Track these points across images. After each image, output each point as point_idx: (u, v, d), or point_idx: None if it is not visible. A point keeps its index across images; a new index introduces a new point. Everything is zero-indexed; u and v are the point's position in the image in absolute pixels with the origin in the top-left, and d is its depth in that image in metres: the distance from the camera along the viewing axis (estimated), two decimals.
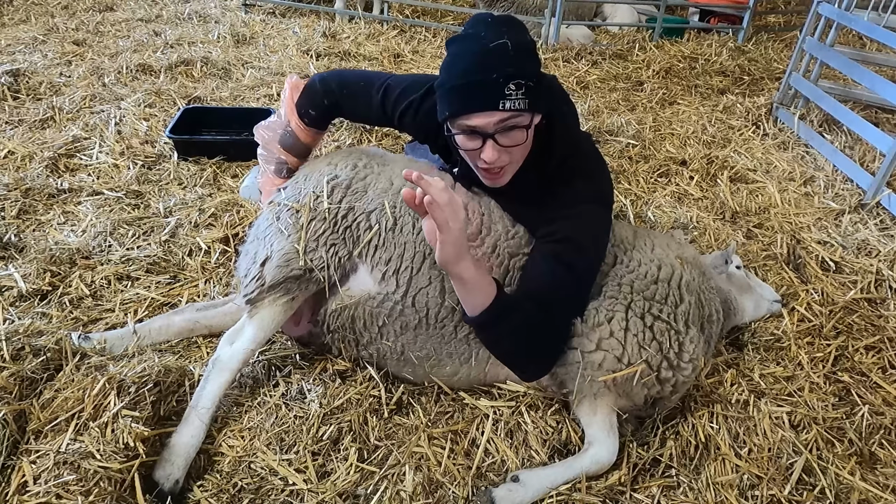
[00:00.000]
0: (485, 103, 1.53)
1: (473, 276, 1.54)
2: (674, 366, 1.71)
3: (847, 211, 2.99)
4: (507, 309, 1.59)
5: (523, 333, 1.63)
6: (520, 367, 1.75)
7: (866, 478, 1.71)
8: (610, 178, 1.90)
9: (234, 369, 1.69)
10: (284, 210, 1.82)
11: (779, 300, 2.30)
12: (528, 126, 1.58)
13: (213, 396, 1.65)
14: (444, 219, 1.43)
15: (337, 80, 1.98)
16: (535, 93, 1.55)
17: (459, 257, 1.50)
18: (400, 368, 1.85)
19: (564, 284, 1.67)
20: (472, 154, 1.65)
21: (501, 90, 1.50)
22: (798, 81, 3.88)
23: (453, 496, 1.58)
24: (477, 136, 1.59)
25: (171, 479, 1.52)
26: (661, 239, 1.97)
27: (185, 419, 1.62)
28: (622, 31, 5.82)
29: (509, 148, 1.60)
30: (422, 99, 1.84)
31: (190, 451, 1.58)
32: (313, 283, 1.76)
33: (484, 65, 1.51)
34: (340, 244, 1.77)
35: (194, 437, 1.60)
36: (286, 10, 5.73)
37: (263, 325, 1.73)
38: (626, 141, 3.55)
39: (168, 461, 1.54)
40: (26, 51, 4.20)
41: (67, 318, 1.98)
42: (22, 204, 2.51)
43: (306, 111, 2.00)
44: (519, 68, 1.51)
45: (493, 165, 1.63)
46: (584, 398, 1.71)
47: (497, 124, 1.55)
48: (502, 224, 1.80)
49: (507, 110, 1.52)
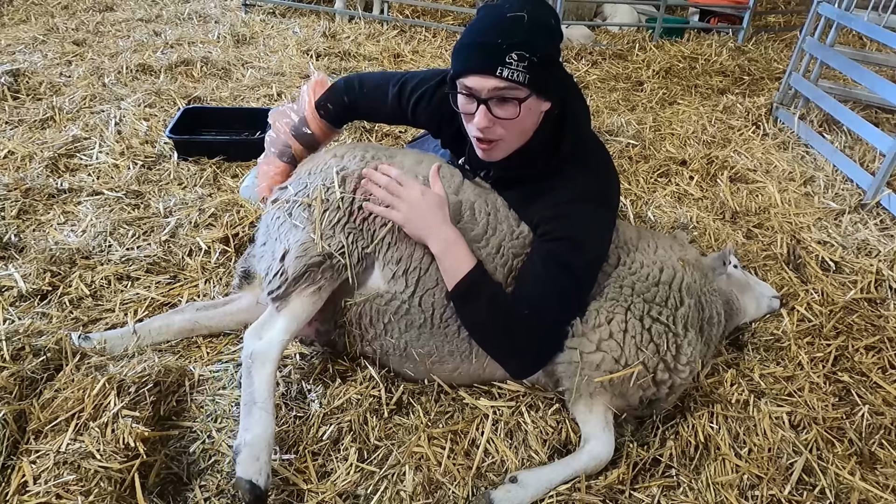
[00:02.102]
0: (482, 65, 1.54)
1: (441, 252, 1.67)
2: (670, 368, 1.72)
3: (847, 211, 2.99)
4: (478, 286, 1.65)
5: (499, 319, 1.65)
6: (503, 359, 1.77)
7: (866, 478, 1.71)
8: (617, 180, 1.88)
9: (274, 359, 1.63)
10: (295, 206, 1.81)
11: (777, 296, 2.30)
12: (522, 100, 1.57)
13: (266, 387, 1.58)
14: (380, 211, 1.70)
15: (359, 80, 2.07)
16: (540, 71, 1.54)
17: (423, 236, 1.69)
18: (401, 364, 1.86)
19: (558, 284, 1.68)
20: (468, 119, 1.66)
21: (502, 57, 1.50)
22: (798, 81, 3.88)
23: (453, 496, 1.58)
24: (472, 100, 1.60)
25: (264, 473, 1.46)
26: (664, 241, 1.97)
27: (248, 417, 1.53)
28: (622, 31, 5.82)
29: (502, 121, 1.60)
30: (436, 87, 1.87)
31: (271, 442, 1.52)
32: (336, 271, 1.73)
33: (494, 29, 1.53)
34: (359, 235, 1.76)
35: (268, 427, 1.52)
36: (286, 10, 5.73)
37: (295, 315, 1.69)
38: (626, 141, 3.55)
39: (252, 458, 1.46)
40: (26, 51, 4.20)
41: (67, 318, 1.98)
42: (22, 204, 2.51)
43: (324, 104, 2.05)
44: (527, 40, 1.51)
45: (483, 134, 1.64)
46: (580, 397, 1.72)
47: (491, 91, 1.55)
48: (507, 224, 1.80)
49: (504, 78, 1.52)
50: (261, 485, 1.44)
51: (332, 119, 2.08)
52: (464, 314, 1.71)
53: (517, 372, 1.82)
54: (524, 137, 1.70)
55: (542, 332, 1.70)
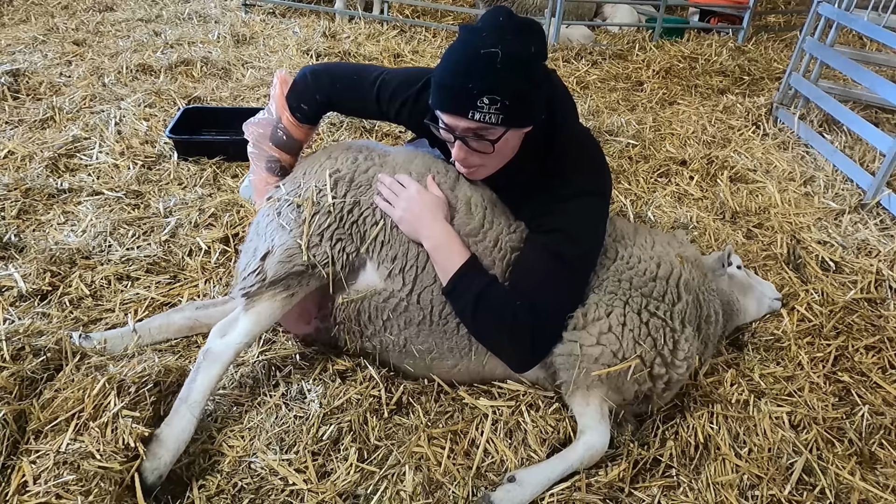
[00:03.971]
0: (455, 108, 1.57)
1: (434, 247, 1.71)
2: (667, 363, 1.72)
3: (847, 211, 2.99)
4: (470, 277, 1.67)
5: (493, 311, 1.65)
6: (500, 352, 1.77)
7: (866, 478, 1.71)
8: (608, 171, 1.89)
9: (225, 362, 1.65)
10: (286, 205, 1.80)
11: (779, 297, 2.30)
12: (496, 140, 1.60)
13: (204, 389, 1.61)
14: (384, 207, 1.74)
15: (328, 74, 1.95)
16: (514, 109, 1.55)
17: (417, 233, 1.72)
18: (401, 360, 1.87)
19: (552, 275, 1.68)
20: (450, 146, 1.72)
21: (474, 101, 1.52)
22: (798, 81, 3.88)
23: (453, 496, 1.58)
24: (450, 132, 1.64)
25: (156, 474, 1.48)
26: (662, 237, 1.97)
27: (175, 411, 1.58)
28: (622, 31, 5.82)
29: (478, 153, 1.65)
30: (417, 94, 1.85)
31: (180, 444, 1.54)
32: (315, 280, 1.75)
33: (465, 72, 1.52)
34: (347, 240, 1.76)
35: (185, 430, 1.55)
36: (286, 10, 5.73)
37: (259, 319, 1.70)
38: (626, 141, 3.55)
39: (154, 454, 1.50)
40: (26, 51, 4.20)
41: (67, 318, 1.98)
42: (22, 204, 2.51)
43: (298, 106, 1.96)
44: (499, 84, 1.51)
45: (462, 165, 1.73)
46: (577, 389, 1.72)
47: (464, 130, 1.60)
48: (504, 219, 1.81)
49: (476, 121, 1.55)
50: (148, 482, 1.47)
51: (309, 119, 2.00)
52: (458, 308, 1.71)
53: (516, 364, 1.80)
54: (506, 160, 1.74)
55: (538, 324, 1.69)
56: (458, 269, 1.67)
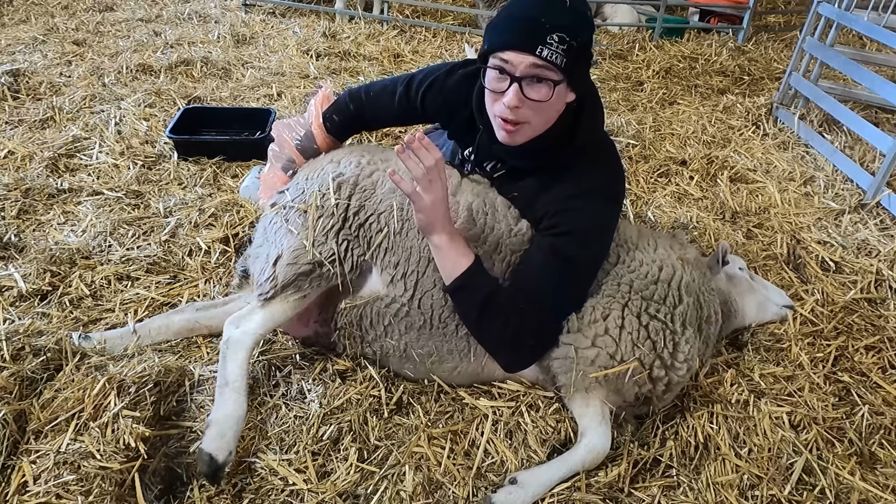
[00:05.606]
0: (523, 42, 1.52)
1: (446, 244, 1.64)
2: (667, 365, 1.72)
3: (847, 211, 2.99)
4: (477, 280, 1.66)
5: (498, 313, 1.65)
6: (497, 352, 1.76)
7: (866, 478, 1.71)
8: (624, 181, 1.89)
9: (248, 346, 1.68)
10: (291, 211, 1.84)
11: (790, 305, 2.26)
12: (556, 83, 1.55)
13: (239, 370, 1.63)
14: (410, 189, 1.57)
15: (364, 88, 2.10)
16: (576, 57, 1.53)
17: (432, 227, 1.63)
18: (402, 365, 1.87)
19: (557, 278, 1.68)
20: (495, 98, 1.63)
21: (544, 36, 1.49)
22: (798, 81, 3.88)
23: (453, 496, 1.58)
24: (505, 78, 1.57)
25: (226, 451, 1.50)
26: (664, 240, 1.97)
27: (220, 395, 1.59)
28: (622, 31, 5.82)
29: (532, 102, 1.58)
30: (446, 75, 1.88)
31: (239, 421, 1.56)
32: (325, 280, 1.77)
33: (538, 6, 1.52)
34: (355, 242, 1.78)
35: (238, 406, 1.57)
36: (286, 10, 5.73)
37: (274, 315, 1.74)
38: (626, 141, 3.55)
39: (219, 434, 1.51)
40: (26, 51, 4.20)
41: (67, 318, 1.98)
42: (22, 204, 2.51)
43: (330, 116, 2.08)
44: (569, 24, 1.51)
45: (511, 114, 1.60)
46: (576, 392, 1.72)
47: (527, 68, 1.53)
48: (505, 222, 1.80)
49: (542, 58, 1.51)
50: (219, 460, 1.48)
51: (337, 131, 2.10)
52: (462, 309, 1.71)
53: (509, 364, 1.81)
54: (547, 125, 1.68)
55: (538, 326, 1.70)
56: (464, 269, 1.66)
